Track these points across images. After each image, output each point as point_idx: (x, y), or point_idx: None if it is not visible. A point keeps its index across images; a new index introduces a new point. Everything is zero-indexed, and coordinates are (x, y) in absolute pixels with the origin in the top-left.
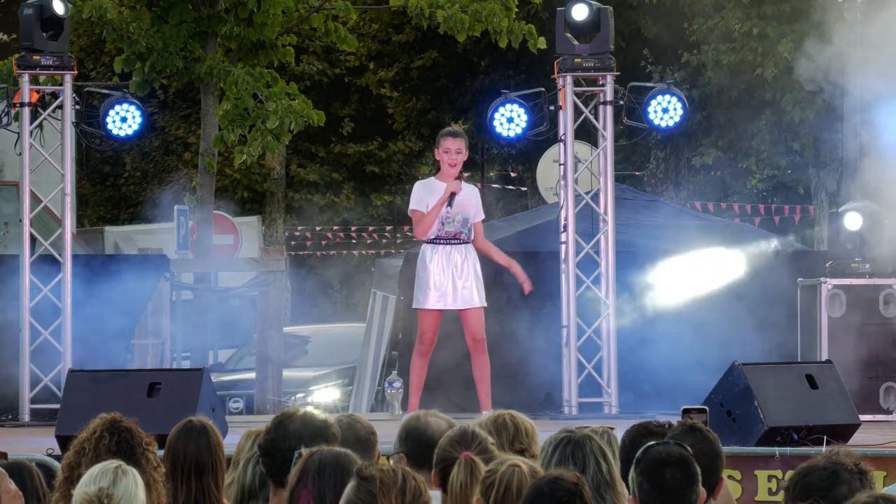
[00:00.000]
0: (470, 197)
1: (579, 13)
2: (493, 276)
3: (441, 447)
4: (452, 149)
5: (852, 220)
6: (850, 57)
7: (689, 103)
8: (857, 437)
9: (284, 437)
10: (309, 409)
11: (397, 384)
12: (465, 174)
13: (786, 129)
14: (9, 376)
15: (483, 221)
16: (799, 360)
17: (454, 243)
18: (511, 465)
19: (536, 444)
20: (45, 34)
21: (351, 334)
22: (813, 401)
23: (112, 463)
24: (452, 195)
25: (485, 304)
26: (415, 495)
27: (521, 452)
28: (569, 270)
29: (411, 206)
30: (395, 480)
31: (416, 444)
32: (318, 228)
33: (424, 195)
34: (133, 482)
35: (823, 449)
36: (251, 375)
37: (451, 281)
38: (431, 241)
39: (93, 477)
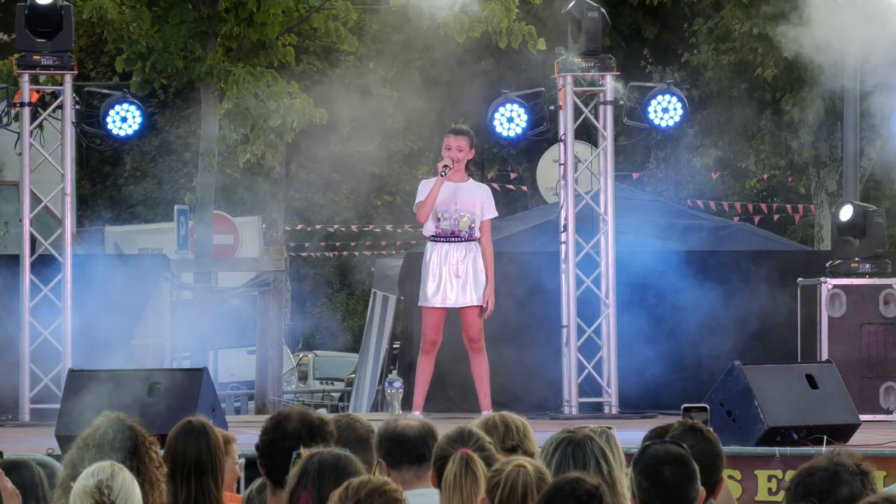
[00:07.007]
0: (474, 194)
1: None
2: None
3: (439, 446)
4: (453, 146)
5: (850, 218)
6: (851, 55)
7: (689, 103)
8: (857, 437)
9: (283, 438)
10: (305, 408)
11: (397, 384)
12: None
13: (786, 128)
14: (9, 376)
15: None
16: (799, 360)
17: (452, 241)
18: (517, 466)
19: (531, 441)
20: (37, 35)
21: None
22: (813, 401)
23: (107, 462)
24: (445, 167)
25: (481, 304)
26: None
27: (514, 449)
28: (569, 270)
29: (416, 201)
30: None
31: (390, 444)
32: (317, 228)
33: (427, 189)
34: (130, 478)
35: (823, 449)
36: None
37: (449, 279)
38: (431, 239)
39: (90, 473)
